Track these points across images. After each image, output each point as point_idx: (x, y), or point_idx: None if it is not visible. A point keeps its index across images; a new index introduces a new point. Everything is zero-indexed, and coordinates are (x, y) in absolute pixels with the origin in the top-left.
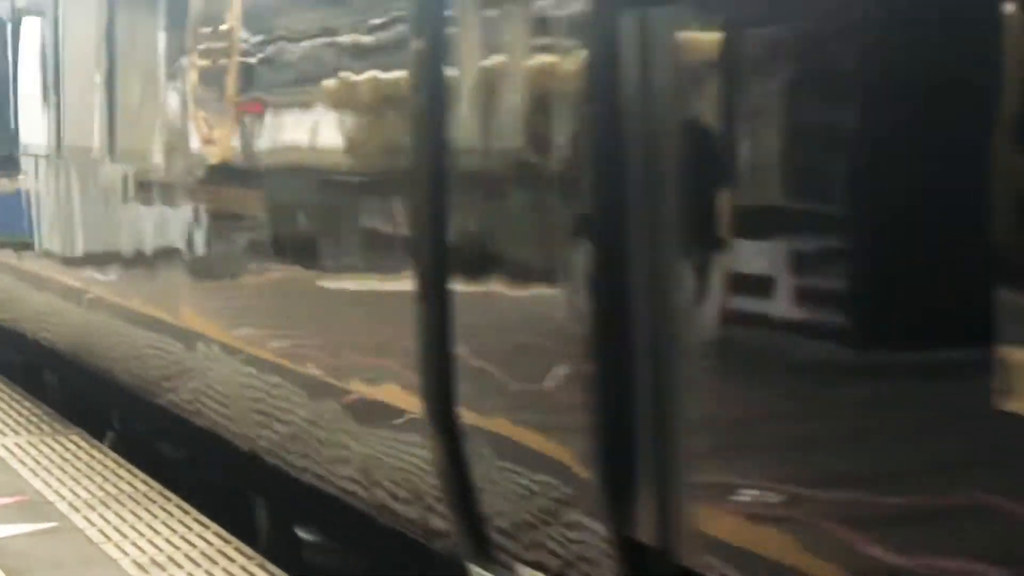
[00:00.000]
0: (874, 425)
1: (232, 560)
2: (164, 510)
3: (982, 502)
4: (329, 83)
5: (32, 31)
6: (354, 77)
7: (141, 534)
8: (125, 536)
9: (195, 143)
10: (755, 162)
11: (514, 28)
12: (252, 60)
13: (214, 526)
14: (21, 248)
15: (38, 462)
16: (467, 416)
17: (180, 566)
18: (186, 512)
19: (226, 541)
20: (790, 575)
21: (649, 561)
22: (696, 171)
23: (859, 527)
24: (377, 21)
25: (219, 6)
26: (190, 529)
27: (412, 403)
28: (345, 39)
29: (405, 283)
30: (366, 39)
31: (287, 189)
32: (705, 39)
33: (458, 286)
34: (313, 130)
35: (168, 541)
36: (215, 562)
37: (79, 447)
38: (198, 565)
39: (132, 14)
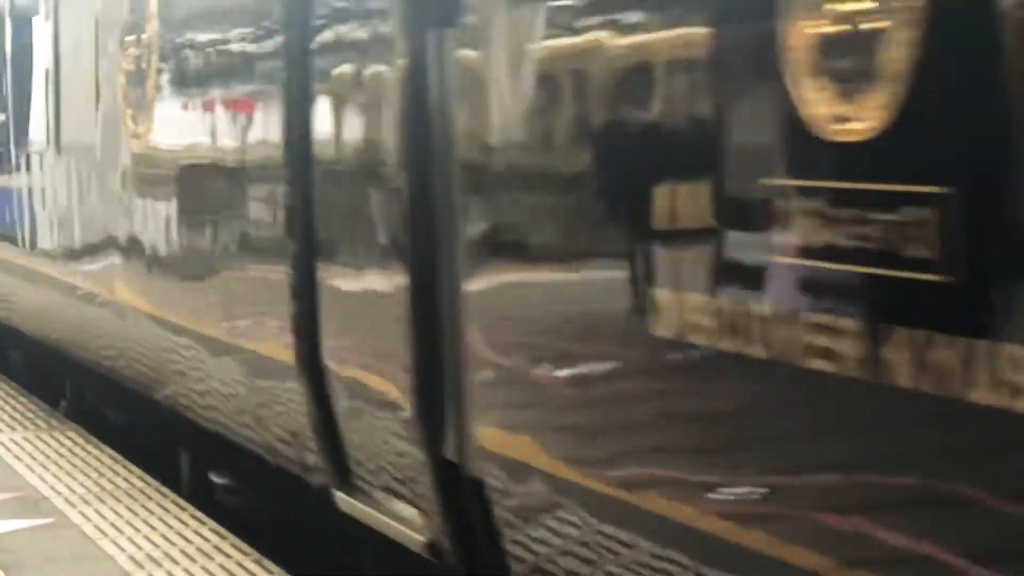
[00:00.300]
0: (575, 351)
1: (228, 556)
2: (160, 506)
3: (640, 410)
4: (223, 87)
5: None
6: (239, 82)
7: (137, 530)
8: (121, 532)
9: (123, 138)
10: (508, 159)
11: (356, 42)
12: (166, 65)
13: (210, 522)
14: None
15: (34, 458)
16: (330, 365)
17: (176, 562)
18: (182, 508)
19: (222, 537)
20: (531, 469)
21: (454, 476)
22: (470, 167)
23: (577, 435)
24: (254, 35)
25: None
26: (186, 525)
27: (289, 356)
28: (234, 48)
29: (284, 261)
30: (249, 49)
31: (198, 182)
32: (471, 54)
33: (321, 264)
34: (215, 129)
35: (164, 537)
36: (211, 558)
37: (75, 443)
38: (194, 561)
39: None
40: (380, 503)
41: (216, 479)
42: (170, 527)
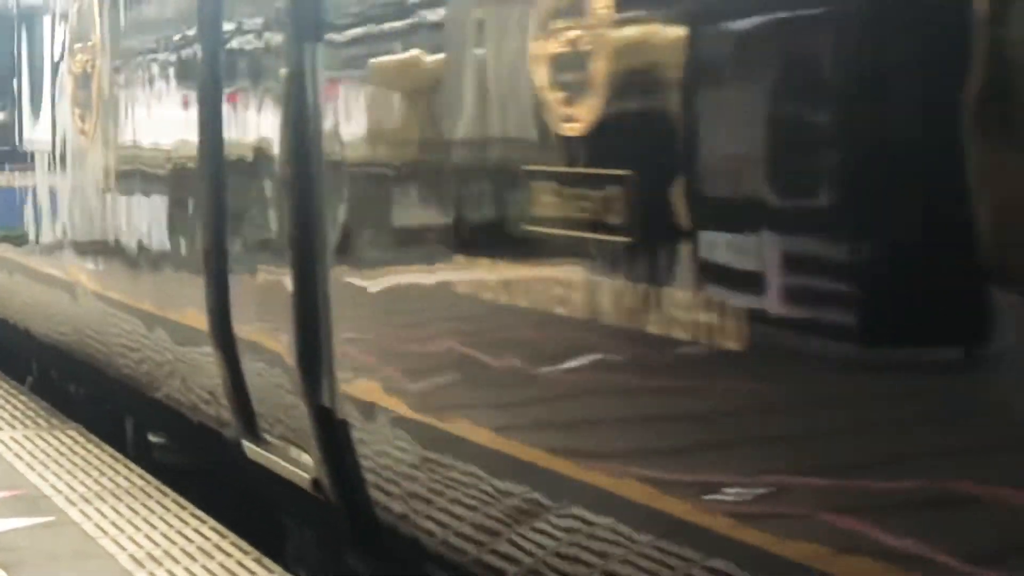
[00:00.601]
0: (404, 308)
1: (228, 555)
2: (161, 505)
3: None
4: (154, 91)
5: None
6: (164, 88)
7: (138, 528)
8: (122, 530)
9: (74, 135)
10: (351, 161)
11: (254, 53)
12: (107, 69)
13: (211, 521)
14: None
15: (34, 456)
16: (239, 331)
17: (177, 560)
18: (183, 507)
19: (222, 536)
20: (375, 407)
21: (329, 420)
22: (336, 165)
23: (403, 374)
24: (177, 43)
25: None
26: (187, 524)
27: (205, 326)
28: (161, 55)
29: (201, 246)
30: (173, 56)
31: (134, 176)
32: (330, 65)
33: (231, 248)
34: (149, 128)
35: (164, 536)
36: (211, 556)
37: (76, 441)
38: (194, 560)
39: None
40: (279, 449)
41: (153, 439)
42: (170, 526)
